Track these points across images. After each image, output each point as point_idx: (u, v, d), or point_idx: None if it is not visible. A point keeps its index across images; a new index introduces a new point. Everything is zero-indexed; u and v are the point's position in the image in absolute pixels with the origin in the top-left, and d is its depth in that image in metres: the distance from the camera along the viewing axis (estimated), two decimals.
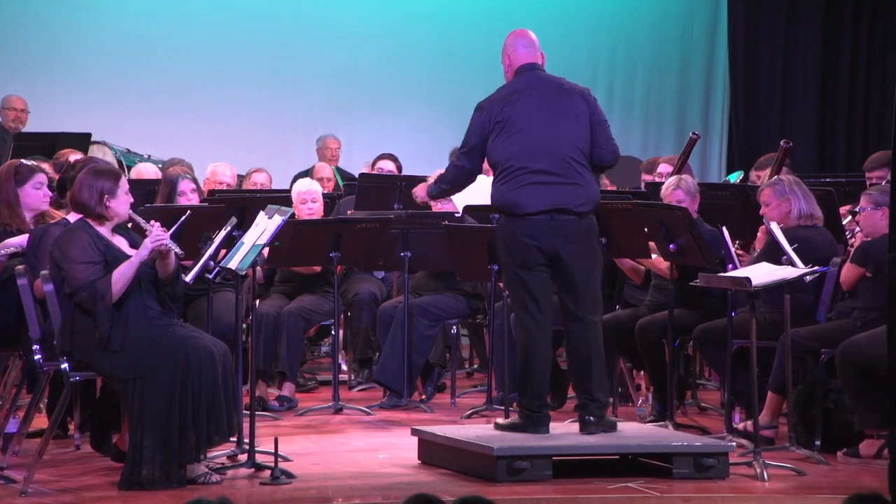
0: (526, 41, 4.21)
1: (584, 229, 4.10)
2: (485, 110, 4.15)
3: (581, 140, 4.10)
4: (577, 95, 4.13)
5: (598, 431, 4.06)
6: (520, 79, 4.17)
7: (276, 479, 3.90)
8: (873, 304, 4.35)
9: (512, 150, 4.10)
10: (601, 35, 8.61)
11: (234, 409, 3.93)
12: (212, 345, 3.91)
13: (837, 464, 4.24)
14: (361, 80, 8.64)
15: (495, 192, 4.17)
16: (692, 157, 6.60)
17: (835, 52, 8.00)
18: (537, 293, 4.09)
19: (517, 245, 4.09)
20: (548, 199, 4.05)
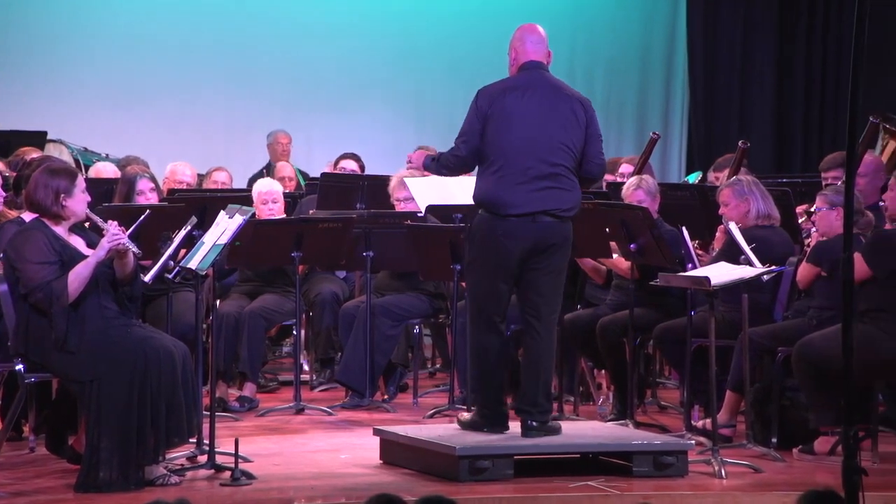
0: (535, 37, 4.18)
1: (565, 230, 4.10)
2: (484, 98, 4.10)
3: (573, 145, 4.08)
4: (577, 102, 4.11)
5: (539, 436, 4.07)
6: (523, 75, 4.13)
7: (237, 480, 3.87)
8: (828, 304, 4.41)
9: (504, 146, 4.06)
10: (561, 36, 8.63)
11: (193, 409, 3.89)
12: (171, 345, 3.87)
13: (793, 461, 4.29)
14: (323, 78, 8.59)
15: (481, 187, 4.12)
16: (652, 157, 6.65)
17: (791, 54, 8.12)
18: (502, 295, 4.08)
19: (495, 244, 4.06)
20: (534, 202, 4.03)
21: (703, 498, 3.81)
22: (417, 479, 3.99)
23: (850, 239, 3.14)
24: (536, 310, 4.09)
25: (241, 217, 4.09)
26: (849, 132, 3.17)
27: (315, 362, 5.96)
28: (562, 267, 4.12)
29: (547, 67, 4.18)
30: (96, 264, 3.82)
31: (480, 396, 4.13)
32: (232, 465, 3.90)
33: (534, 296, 4.08)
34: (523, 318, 4.14)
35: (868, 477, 3.02)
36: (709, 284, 4.21)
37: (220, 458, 4.01)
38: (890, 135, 5.98)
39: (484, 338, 4.12)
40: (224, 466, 3.97)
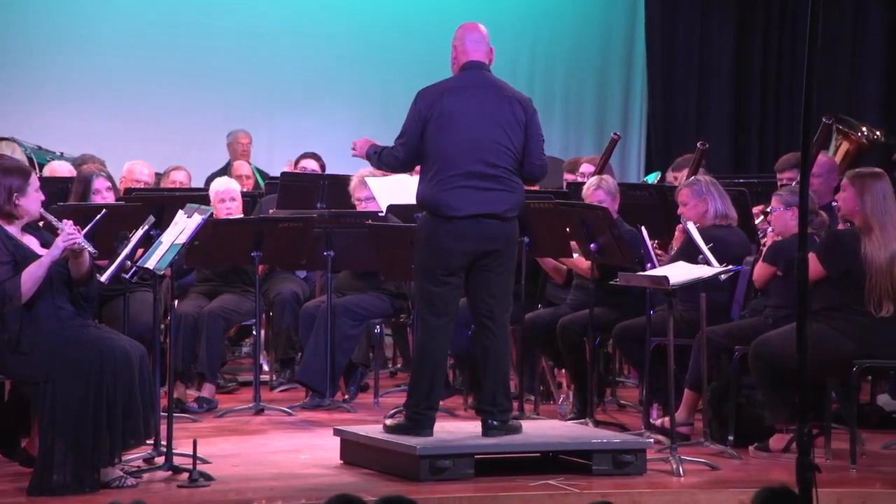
0: (475, 36, 4.18)
1: (509, 231, 4.11)
2: (424, 100, 4.10)
3: (514, 146, 4.08)
4: (517, 102, 4.12)
5: (500, 435, 4.07)
6: (463, 76, 4.14)
7: (195, 482, 3.84)
8: (784, 302, 4.47)
9: (444, 148, 4.07)
10: (522, 37, 8.68)
11: (151, 411, 3.85)
12: (128, 346, 3.83)
13: (749, 458, 4.34)
14: (284, 77, 8.53)
15: (423, 189, 4.12)
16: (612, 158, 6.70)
17: (747, 56, 8.22)
18: (447, 296, 4.08)
19: (438, 247, 4.06)
20: (476, 204, 4.03)
21: (662, 496, 3.85)
22: (378, 479, 3.98)
23: (805, 239, 3.19)
24: (490, 311, 4.10)
25: (200, 216, 4.06)
26: (803, 133, 3.22)
27: (275, 362, 5.93)
28: (510, 267, 4.13)
29: (489, 67, 4.18)
30: (51, 264, 3.77)
31: (412, 398, 4.12)
32: (190, 467, 3.86)
33: (486, 297, 4.09)
34: (477, 321, 4.14)
35: (821, 473, 3.07)
36: (667, 284, 4.25)
37: (177, 459, 3.97)
38: (843, 135, 6.08)
39: (424, 340, 4.11)
40: (182, 468, 3.93)
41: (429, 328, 4.10)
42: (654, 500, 3.82)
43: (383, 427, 4.18)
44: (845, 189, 4.31)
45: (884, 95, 7.30)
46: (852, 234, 4.27)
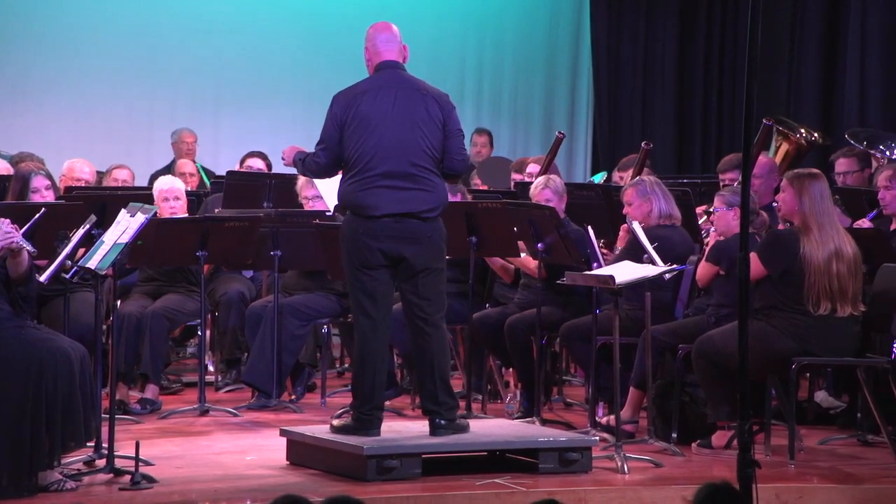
0: (387, 35, 4.17)
1: (430, 230, 4.10)
2: (339, 103, 4.10)
3: (433, 145, 4.09)
4: (433, 100, 4.11)
5: (448, 433, 4.08)
6: (378, 76, 4.14)
7: (137, 484, 3.78)
8: (726, 301, 4.54)
9: (363, 149, 4.06)
10: (469, 37, 8.71)
11: (91, 412, 3.78)
12: (68, 347, 3.76)
13: (692, 455, 4.40)
14: (230, 75, 8.44)
15: (343, 190, 4.13)
16: (559, 158, 6.75)
17: (690, 59, 8.35)
18: (376, 294, 4.07)
19: (359, 245, 4.06)
20: (396, 204, 4.04)
21: (607, 493, 3.88)
22: (324, 480, 3.96)
23: (747, 239, 3.24)
24: (422, 311, 4.10)
25: (144, 216, 4.00)
26: (744, 135, 3.28)
27: (220, 363, 5.87)
28: (438, 266, 4.12)
29: (403, 66, 4.17)
30: None
31: (356, 399, 4.11)
32: (132, 469, 3.80)
33: (416, 299, 4.09)
34: (411, 322, 4.14)
35: (761, 469, 3.13)
36: (613, 283, 4.29)
37: (119, 461, 3.90)
38: (783, 137, 6.20)
39: (360, 340, 4.10)
40: (123, 470, 3.87)
41: (363, 327, 4.09)
42: (600, 498, 3.85)
43: (330, 427, 4.16)
44: (784, 190, 4.39)
45: (820, 98, 7.47)
46: (792, 233, 4.35)
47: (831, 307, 4.26)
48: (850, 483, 4.01)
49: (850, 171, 5.81)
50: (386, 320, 4.12)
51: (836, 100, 7.40)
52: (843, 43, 7.29)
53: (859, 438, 4.57)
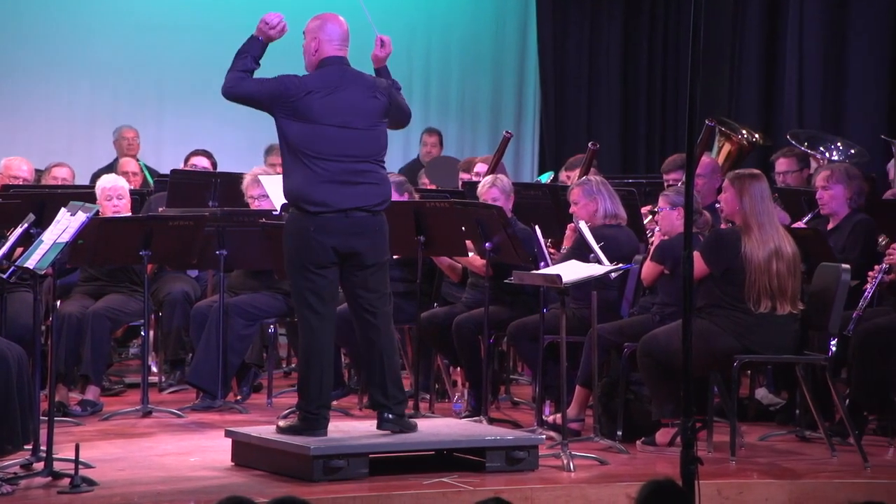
0: (331, 28, 4.13)
1: (378, 224, 4.09)
2: (292, 87, 4.02)
3: (380, 139, 4.08)
4: (378, 91, 4.10)
5: (396, 429, 4.08)
6: (324, 71, 4.10)
7: (76, 487, 3.71)
8: (670, 300, 4.60)
9: (309, 143, 4.02)
10: (416, 37, 8.70)
11: (29, 415, 3.70)
12: (4, 348, 3.68)
13: (636, 452, 4.44)
14: (173, 72, 8.30)
15: (290, 185, 4.07)
16: (506, 157, 6.76)
17: (634, 60, 8.45)
18: (324, 293, 4.05)
19: (308, 243, 4.02)
20: (346, 198, 4.01)
21: (553, 491, 3.90)
22: (270, 481, 3.93)
23: (691, 238, 3.29)
24: (372, 304, 4.08)
25: (85, 214, 3.92)
26: (688, 136, 3.33)
27: (164, 364, 5.79)
28: (384, 261, 4.11)
29: (347, 61, 4.14)
30: None
31: (302, 398, 4.08)
32: (71, 472, 3.73)
33: (366, 293, 4.07)
34: (358, 317, 4.11)
35: (703, 466, 3.17)
36: (560, 282, 4.32)
37: (58, 464, 3.82)
38: (725, 137, 6.30)
39: (307, 339, 4.07)
40: (63, 473, 3.79)
41: (310, 326, 4.05)
42: (546, 496, 3.87)
43: (276, 428, 4.13)
44: (726, 190, 4.46)
45: (761, 100, 7.62)
46: (734, 232, 4.43)
47: (771, 305, 4.34)
48: (788, 478, 4.09)
49: (790, 171, 5.92)
50: (333, 318, 4.09)
51: (775, 101, 7.55)
52: (783, 45, 7.44)
53: (797, 434, 4.66)
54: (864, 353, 4.52)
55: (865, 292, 4.61)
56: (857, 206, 5.01)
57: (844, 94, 7.11)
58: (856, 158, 5.98)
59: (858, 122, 6.99)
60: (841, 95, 7.13)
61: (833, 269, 4.44)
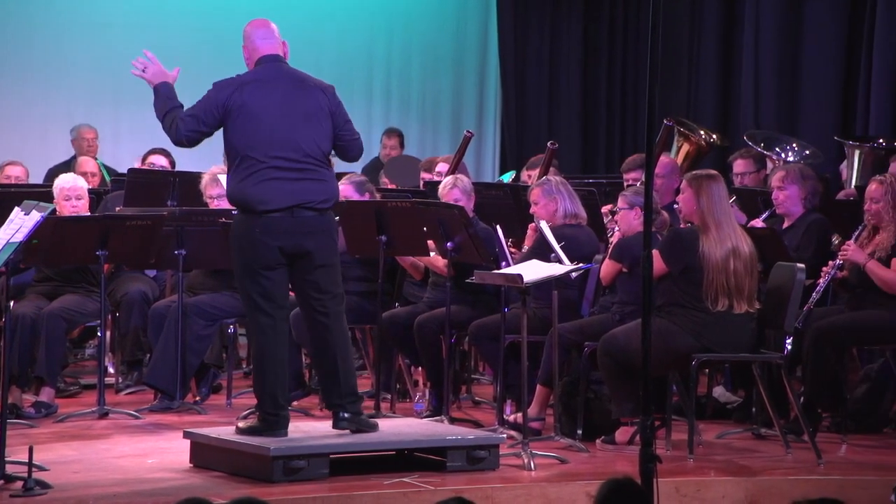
0: (264, 31, 4.12)
1: (326, 223, 4.06)
2: (222, 91, 4.01)
3: (321, 136, 4.04)
4: (319, 91, 4.07)
5: (353, 427, 4.06)
6: (260, 69, 4.07)
7: (30, 491, 3.65)
8: (630, 299, 4.64)
9: (249, 141, 3.99)
10: (376, 37, 8.68)
11: None
12: None
13: (596, 451, 4.47)
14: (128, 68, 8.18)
15: (232, 186, 4.03)
16: (468, 157, 6.77)
17: (594, 61, 8.51)
18: (274, 294, 4.02)
19: (255, 244, 3.98)
20: (289, 196, 3.97)
21: (513, 490, 3.91)
22: (229, 482, 3.89)
23: (650, 237, 3.32)
24: (323, 305, 4.05)
25: (39, 214, 3.86)
26: (647, 136, 3.36)
27: (121, 364, 5.71)
28: (334, 260, 4.08)
29: (284, 59, 4.12)
30: None
31: (260, 400, 4.05)
32: (25, 475, 3.67)
33: (317, 294, 4.05)
34: (311, 318, 4.08)
35: (662, 464, 3.20)
36: (521, 282, 4.34)
37: (11, 467, 3.76)
38: (683, 137, 6.37)
39: (260, 340, 4.05)
40: (15, 476, 3.73)
41: (262, 327, 4.02)
42: (506, 495, 3.88)
43: (236, 429, 4.09)
44: (684, 190, 4.51)
45: (718, 101, 7.72)
46: (692, 232, 4.47)
47: (728, 304, 4.39)
48: (745, 475, 4.14)
49: (747, 172, 6.00)
50: (285, 319, 4.07)
51: (732, 102, 7.64)
52: (739, 47, 7.54)
53: (754, 432, 4.72)
54: (817, 352, 4.60)
55: (818, 286, 4.69)
56: (812, 205, 5.09)
57: (799, 96, 7.22)
58: (810, 159, 6.07)
59: (812, 123, 7.11)
60: (796, 97, 7.24)
61: (788, 269, 4.51)
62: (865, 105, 6.80)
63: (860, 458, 4.41)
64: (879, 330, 4.60)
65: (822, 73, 7.09)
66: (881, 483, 3.96)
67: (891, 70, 6.66)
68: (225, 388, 5.51)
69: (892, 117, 6.69)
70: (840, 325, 4.65)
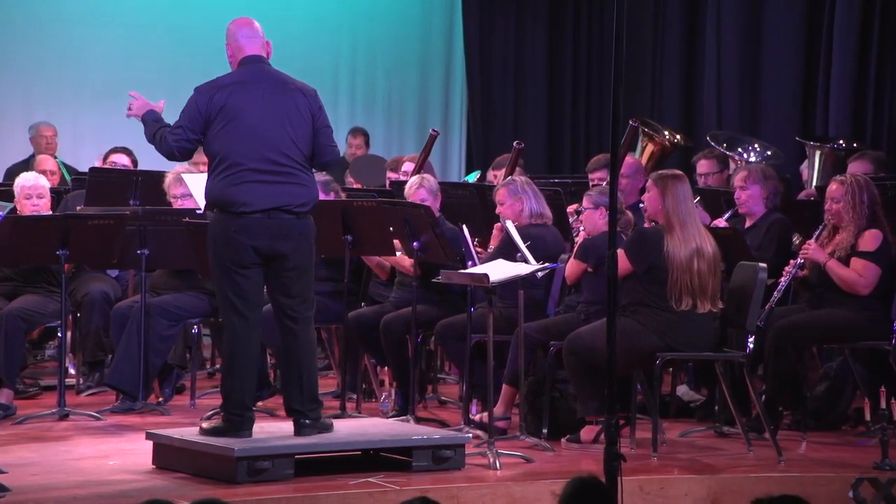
0: (248, 31, 4.10)
1: (304, 228, 4.06)
2: (204, 95, 4.00)
3: (302, 139, 4.04)
4: (301, 94, 4.07)
5: (314, 432, 4.05)
6: (244, 70, 4.07)
7: None
8: (595, 298, 4.66)
9: (232, 143, 3.98)
10: (342, 35, 8.65)
11: None
12: None
13: (561, 450, 4.49)
14: (90, 67, 8.09)
15: (212, 186, 4.03)
16: (434, 157, 6.77)
17: (559, 61, 8.55)
18: (248, 293, 4.01)
19: (231, 244, 3.97)
20: (268, 198, 3.97)
21: (479, 489, 3.92)
22: (193, 483, 3.86)
23: (615, 237, 3.33)
24: (293, 310, 4.05)
25: None
26: (612, 136, 3.38)
27: (82, 365, 5.64)
28: (308, 265, 4.08)
29: (267, 60, 4.12)
30: None
31: (226, 400, 4.04)
32: None
33: (286, 299, 4.04)
34: (279, 322, 4.07)
35: (626, 462, 3.22)
36: (487, 281, 4.34)
37: None
38: (648, 138, 6.42)
39: (232, 340, 4.03)
40: None
41: (235, 327, 4.01)
42: (472, 494, 3.89)
43: (200, 430, 4.06)
44: (650, 190, 4.54)
45: (682, 102, 7.80)
46: (657, 231, 4.51)
47: (692, 303, 4.43)
48: (707, 473, 4.17)
49: (710, 173, 6.07)
50: (257, 320, 4.05)
51: (696, 103, 7.72)
52: (702, 49, 7.61)
53: (716, 430, 4.76)
54: (778, 350, 4.65)
55: (779, 285, 4.75)
56: (773, 205, 5.15)
57: (760, 97, 7.31)
58: (772, 160, 6.15)
59: (774, 124, 7.20)
60: (757, 98, 7.33)
61: (750, 268, 4.56)
62: (825, 106, 6.90)
63: (820, 456, 4.46)
64: (839, 329, 4.66)
65: (782, 74, 7.19)
66: (840, 479, 4.01)
67: (849, 72, 6.76)
68: (188, 388, 5.46)
69: (850, 118, 6.79)
70: (800, 323, 4.71)
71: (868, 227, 4.66)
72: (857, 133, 6.71)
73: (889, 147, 6.60)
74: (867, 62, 6.71)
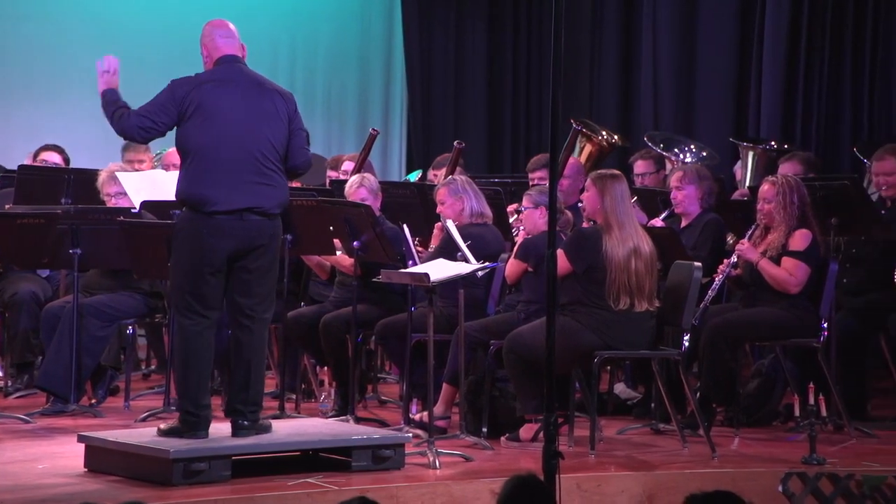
0: (224, 31, 4.08)
1: (274, 229, 4.04)
2: (180, 88, 3.95)
3: (277, 140, 4.01)
4: (279, 96, 4.05)
5: (252, 433, 4.02)
6: (220, 69, 4.03)
7: None
8: (535, 297, 4.69)
9: (205, 141, 3.93)
10: (280, 31, 8.57)
11: None
12: None
13: (501, 448, 4.50)
14: (20, 62, 7.87)
15: (184, 184, 3.97)
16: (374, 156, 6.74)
17: (499, 61, 8.59)
18: (208, 297, 3.97)
19: (200, 244, 3.93)
20: (241, 199, 3.93)
21: (418, 489, 3.91)
22: (126, 486, 3.79)
23: (555, 236, 3.36)
24: (252, 310, 4.02)
25: None
26: (551, 137, 3.40)
27: (10, 367, 5.49)
28: (272, 266, 4.06)
29: (244, 61, 4.10)
30: None
31: (183, 399, 3.99)
32: None
33: (246, 299, 4.01)
34: (235, 320, 4.04)
35: (565, 460, 3.25)
36: (428, 280, 4.34)
37: None
38: (586, 138, 6.49)
39: (188, 340, 3.98)
40: None
41: (192, 328, 3.96)
42: (411, 494, 3.88)
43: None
44: (588, 189, 4.59)
45: (619, 102, 7.90)
46: (595, 231, 4.55)
47: (630, 302, 4.48)
48: (643, 470, 4.23)
49: (647, 173, 6.15)
50: (214, 322, 4.01)
51: (632, 104, 7.82)
52: (638, 49, 7.72)
53: (652, 427, 4.83)
54: (712, 348, 4.73)
55: (713, 284, 4.84)
56: (708, 205, 5.24)
57: (695, 98, 7.43)
58: (707, 160, 6.26)
59: (708, 124, 7.32)
60: (692, 99, 7.45)
61: (686, 267, 4.63)
62: (757, 107, 7.05)
63: (751, 451, 4.55)
64: (770, 326, 4.76)
65: (716, 76, 7.32)
66: (770, 474, 4.10)
67: (779, 73, 6.91)
68: (123, 390, 5.35)
69: (781, 120, 6.94)
70: (734, 321, 4.80)
71: (798, 227, 4.77)
72: (787, 134, 6.86)
73: (818, 148, 6.77)
74: (796, 66, 6.86)
